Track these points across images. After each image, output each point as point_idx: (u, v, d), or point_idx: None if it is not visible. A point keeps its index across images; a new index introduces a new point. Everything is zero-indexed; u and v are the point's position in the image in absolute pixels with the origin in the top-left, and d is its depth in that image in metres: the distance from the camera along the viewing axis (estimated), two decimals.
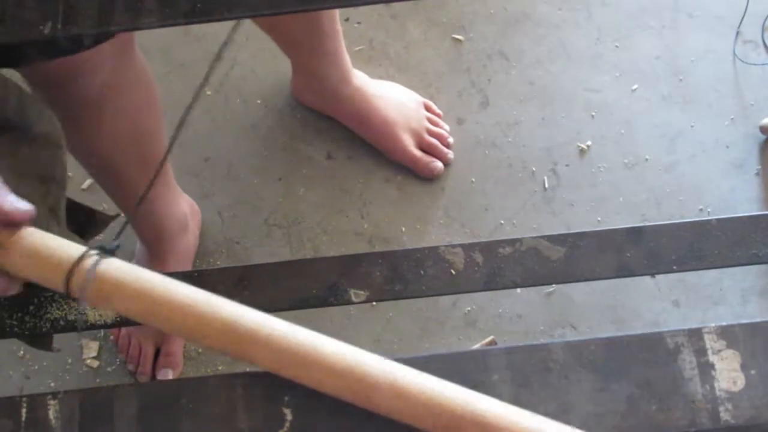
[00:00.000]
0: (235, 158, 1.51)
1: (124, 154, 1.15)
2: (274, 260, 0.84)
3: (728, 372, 0.65)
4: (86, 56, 0.94)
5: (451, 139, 1.50)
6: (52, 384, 1.38)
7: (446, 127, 1.51)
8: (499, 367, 0.66)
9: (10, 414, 0.66)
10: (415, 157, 1.47)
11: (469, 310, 1.41)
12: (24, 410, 0.66)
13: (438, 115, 1.51)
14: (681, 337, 0.66)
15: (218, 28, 1.58)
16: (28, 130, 0.75)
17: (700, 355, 0.66)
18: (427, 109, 1.51)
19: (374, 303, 1.18)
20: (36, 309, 0.76)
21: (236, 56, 1.57)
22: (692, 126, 1.51)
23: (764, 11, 1.57)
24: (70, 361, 1.40)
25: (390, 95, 1.48)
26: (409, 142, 1.47)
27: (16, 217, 0.66)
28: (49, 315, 0.76)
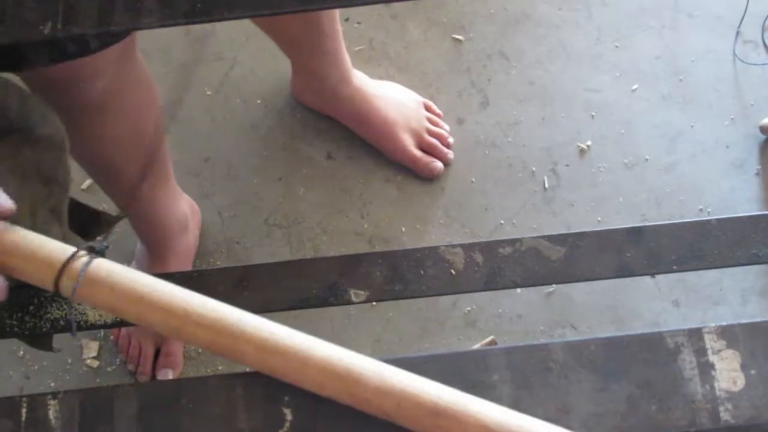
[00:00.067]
0: (235, 158, 1.51)
1: (125, 156, 1.15)
2: (274, 260, 0.84)
3: (728, 372, 0.65)
4: (88, 61, 0.94)
5: (451, 139, 1.50)
6: (52, 384, 1.38)
7: (446, 127, 1.51)
8: (499, 367, 0.66)
9: (10, 414, 0.66)
10: (415, 157, 1.47)
11: (469, 310, 1.41)
12: (24, 410, 0.66)
13: (438, 115, 1.51)
14: (681, 337, 0.66)
15: (218, 28, 1.60)
16: (30, 133, 0.75)
17: (700, 355, 0.66)
18: (427, 109, 1.51)
19: (374, 303, 1.18)
20: (36, 309, 0.76)
21: (236, 56, 1.57)
22: (692, 126, 1.51)
23: (764, 11, 1.57)
24: (70, 361, 1.40)
25: (390, 95, 1.48)
26: (409, 142, 1.47)
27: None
28: (49, 315, 0.76)
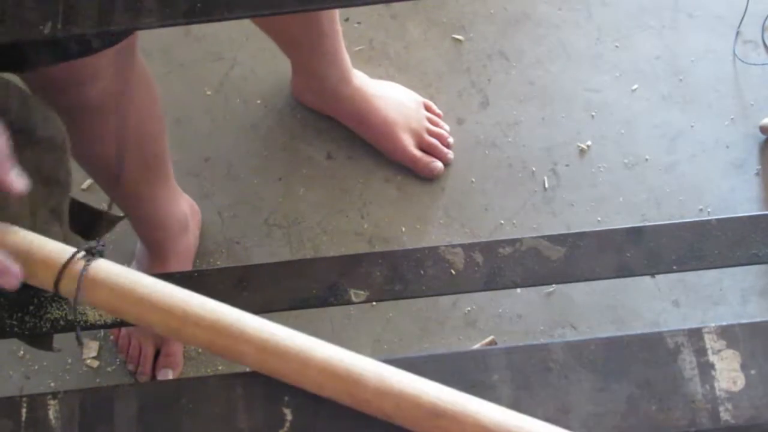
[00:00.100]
0: (235, 158, 1.51)
1: (127, 159, 1.14)
2: (274, 260, 0.84)
3: (728, 372, 0.65)
4: (89, 61, 0.94)
5: (451, 139, 1.50)
6: (52, 384, 1.38)
7: (446, 127, 1.51)
8: (499, 367, 0.66)
9: (10, 414, 0.66)
10: (415, 157, 1.47)
11: (469, 310, 1.41)
12: (24, 410, 0.66)
13: (438, 115, 1.51)
14: (681, 337, 0.66)
15: (218, 28, 1.60)
16: (31, 134, 0.75)
17: (700, 355, 0.66)
18: (427, 109, 1.51)
19: (374, 303, 1.18)
20: (36, 309, 0.76)
21: (236, 56, 1.57)
22: (692, 126, 1.51)
23: (764, 11, 1.57)
24: (70, 361, 1.40)
25: (390, 95, 1.48)
26: (409, 142, 1.47)
27: (12, 187, 0.67)
28: (49, 315, 0.76)
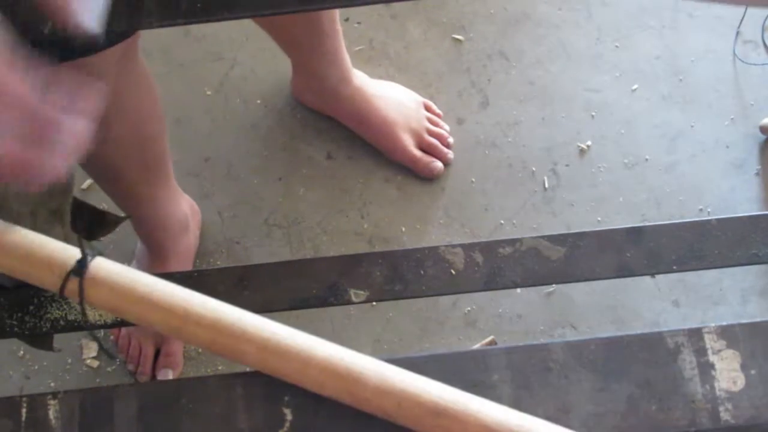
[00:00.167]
0: (235, 158, 1.51)
1: (127, 158, 1.14)
2: (274, 260, 0.84)
3: (728, 372, 0.65)
4: (90, 62, 0.93)
5: (451, 139, 1.50)
6: (52, 384, 1.38)
7: (446, 127, 1.51)
8: (499, 367, 0.66)
9: (10, 414, 0.66)
10: (415, 157, 1.47)
11: (469, 310, 1.41)
12: (24, 410, 0.66)
13: (438, 115, 1.51)
14: (681, 337, 0.66)
15: (218, 28, 1.59)
16: None
17: (700, 355, 0.66)
18: (427, 109, 1.51)
19: (374, 303, 1.18)
20: (36, 309, 0.76)
21: (236, 56, 1.57)
22: (692, 126, 1.51)
23: (764, 11, 1.57)
24: (70, 361, 1.40)
25: (390, 95, 1.48)
26: (409, 142, 1.47)
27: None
28: (49, 315, 0.76)
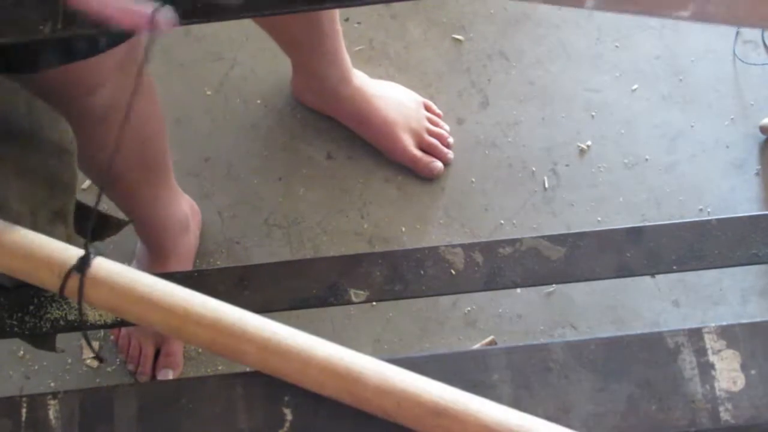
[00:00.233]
0: (235, 158, 1.51)
1: (127, 161, 1.14)
2: (274, 260, 0.84)
3: (728, 372, 0.65)
4: (93, 67, 0.93)
5: (451, 139, 1.50)
6: (52, 384, 1.38)
7: (446, 127, 1.51)
8: (499, 367, 0.66)
9: (10, 414, 0.66)
10: (415, 157, 1.47)
11: (469, 310, 1.41)
12: (24, 410, 0.66)
13: (438, 115, 1.51)
14: (681, 337, 0.66)
15: (218, 28, 1.59)
16: (38, 138, 0.75)
17: (700, 355, 0.66)
18: (427, 109, 1.51)
19: (374, 303, 1.18)
20: (36, 309, 0.76)
21: (236, 56, 1.57)
22: (692, 126, 1.51)
23: None
24: (70, 361, 1.40)
25: (390, 95, 1.48)
26: (409, 142, 1.47)
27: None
28: (49, 315, 0.76)
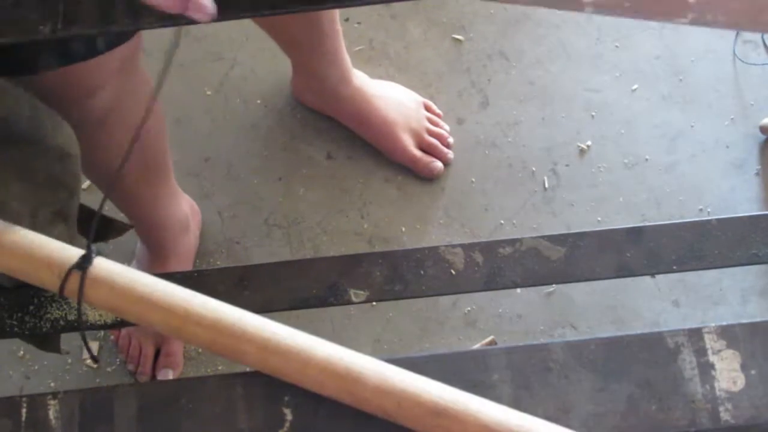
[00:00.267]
0: (235, 158, 1.51)
1: (129, 163, 1.14)
2: (274, 260, 0.84)
3: (728, 372, 0.65)
4: (92, 69, 0.92)
5: (451, 139, 1.50)
6: (52, 384, 1.38)
7: (446, 127, 1.51)
8: (499, 367, 0.66)
9: (10, 414, 0.66)
10: (415, 157, 1.47)
11: (469, 310, 1.41)
12: (24, 410, 0.66)
13: (438, 115, 1.51)
14: (681, 337, 0.66)
15: (218, 28, 1.59)
16: (41, 142, 0.75)
17: (700, 355, 0.66)
18: (427, 109, 1.51)
19: (374, 303, 1.18)
20: (36, 309, 0.76)
21: (236, 56, 1.57)
22: (692, 126, 1.51)
23: None
24: (70, 361, 1.40)
25: (390, 95, 1.48)
26: (409, 142, 1.47)
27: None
28: (49, 315, 0.76)
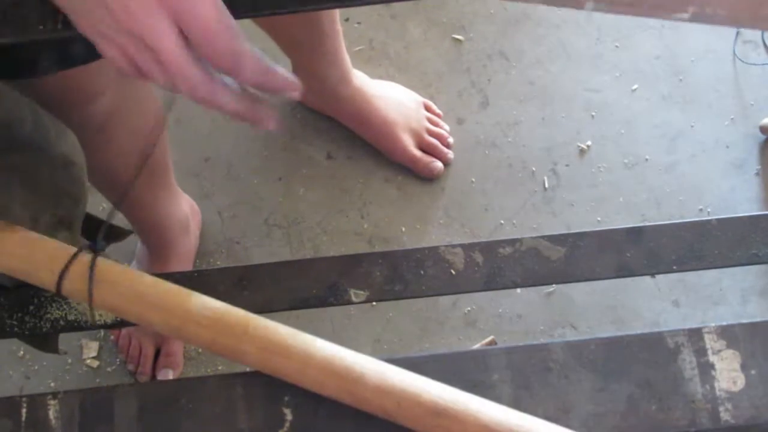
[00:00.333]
0: (235, 158, 1.51)
1: (127, 165, 1.14)
2: (274, 260, 0.84)
3: (728, 372, 0.65)
4: (92, 73, 0.92)
5: (451, 139, 1.50)
6: (52, 384, 1.38)
7: (446, 127, 1.51)
8: (499, 367, 0.66)
9: (10, 414, 0.66)
10: (415, 157, 1.47)
11: (469, 310, 1.41)
12: (24, 410, 0.66)
13: (438, 115, 1.51)
14: (681, 337, 0.66)
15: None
16: (45, 149, 0.74)
17: (700, 355, 0.66)
18: (427, 109, 1.51)
19: (374, 303, 1.18)
20: (36, 309, 0.76)
21: None
22: (692, 126, 1.51)
23: None
24: (70, 361, 1.40)
25: (390, 95, 1.48)
26: (409, 142, 1.47)
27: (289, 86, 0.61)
28: (49, 315, 0.76)
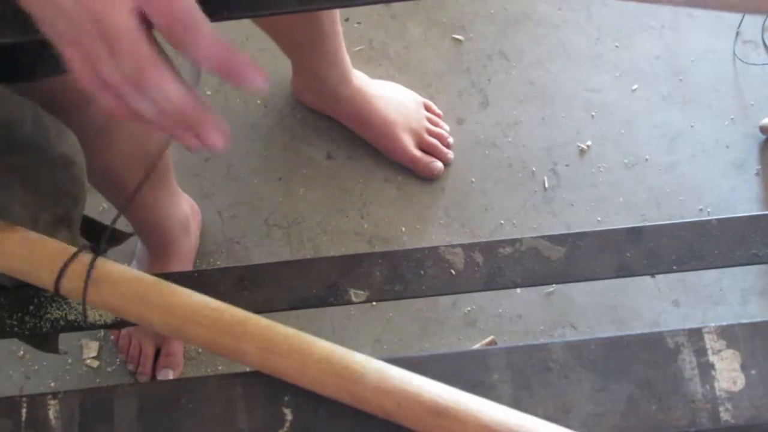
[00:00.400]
0: (235, 158, 1.51)
1: (131, 169, 1.14)
2: (274, 260, 0.84)
3: (728, 372, 0.65)
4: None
5: (451, 139, 1.50)
6: (52, 384, 1.38)
7: (446, 127, 1.51)
8: (499, 367, 0.66)
9: (10, 414, 0.66)
10: (415, 157, 1.47)
11: (469, 310, 1.41)
12: (24, 410, 0.66)
13: (438, 115, 1.51)
14: (681, 337, 0.66)
15: (218, 28, 1.59)
16: (45, 149, 0.74)
17: (700, 355, 0.66)
18: (427, 109, 1.51)
19: (374, 303, 1.18)
20: (36, 309, 0.76)
21: None
22: (692, 126, 1.51)
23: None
24: (70, 361, 1.40)
25: (390, 95, 1.48)
26: (409, 142, 1.47)
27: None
28: (49, 315, 0.76)
